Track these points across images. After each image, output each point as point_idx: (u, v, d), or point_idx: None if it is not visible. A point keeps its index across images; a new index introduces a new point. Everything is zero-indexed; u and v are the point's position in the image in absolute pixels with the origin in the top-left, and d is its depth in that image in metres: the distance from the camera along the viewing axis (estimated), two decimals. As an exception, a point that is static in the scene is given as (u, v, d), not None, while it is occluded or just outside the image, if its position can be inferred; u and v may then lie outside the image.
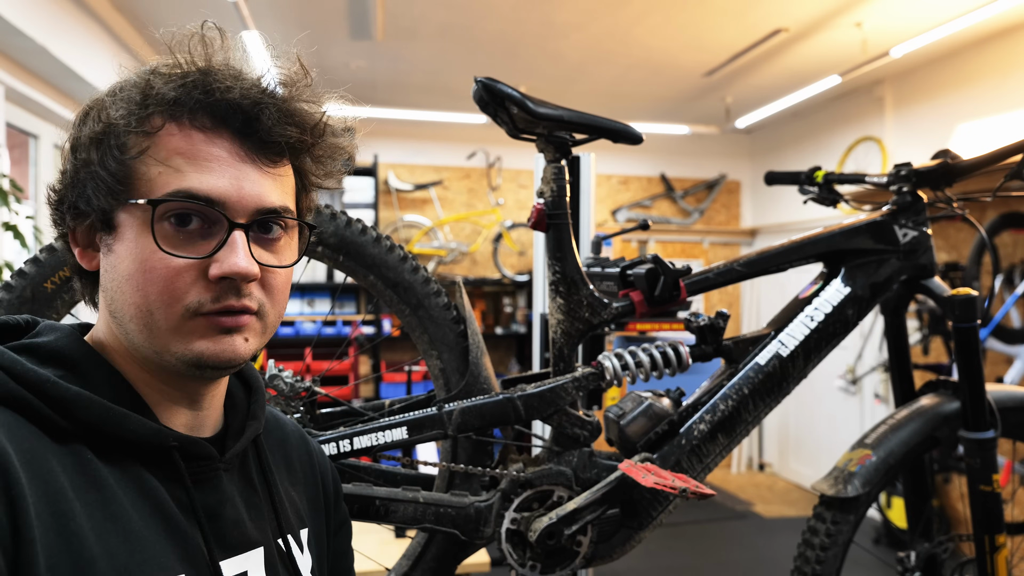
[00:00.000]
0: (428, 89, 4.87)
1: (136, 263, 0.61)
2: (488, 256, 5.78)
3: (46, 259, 1.03)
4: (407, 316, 1.21)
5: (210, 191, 0.61)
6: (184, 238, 0.62)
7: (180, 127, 0.62)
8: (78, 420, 0.59)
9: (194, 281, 0.62)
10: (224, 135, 0.63)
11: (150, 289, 0.61)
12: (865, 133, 4.77)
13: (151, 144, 0.62)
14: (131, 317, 0.62)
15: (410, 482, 1.28)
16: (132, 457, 0.62)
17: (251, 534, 0.70)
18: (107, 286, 0.65)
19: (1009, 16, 3.51)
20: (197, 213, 0.62)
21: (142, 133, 0.62)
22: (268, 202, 0.64)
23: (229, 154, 0.63)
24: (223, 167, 0.62)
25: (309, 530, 0.81)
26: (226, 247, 0.62)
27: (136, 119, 0.62)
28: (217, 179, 0.62)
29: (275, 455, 0.81)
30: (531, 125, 1.18)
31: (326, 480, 0.87)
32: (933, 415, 1.35)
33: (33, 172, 3.29)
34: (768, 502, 5.08)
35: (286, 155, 0.67)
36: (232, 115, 0.63)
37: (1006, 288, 3.69)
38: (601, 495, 1.19)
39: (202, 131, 0.63)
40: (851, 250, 1.37)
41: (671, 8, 3.48)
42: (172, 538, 0.62)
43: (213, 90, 0.62)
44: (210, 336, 0.63)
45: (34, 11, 2.74)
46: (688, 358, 1.26)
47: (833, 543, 1.28)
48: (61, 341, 0.64)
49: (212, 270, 0.61)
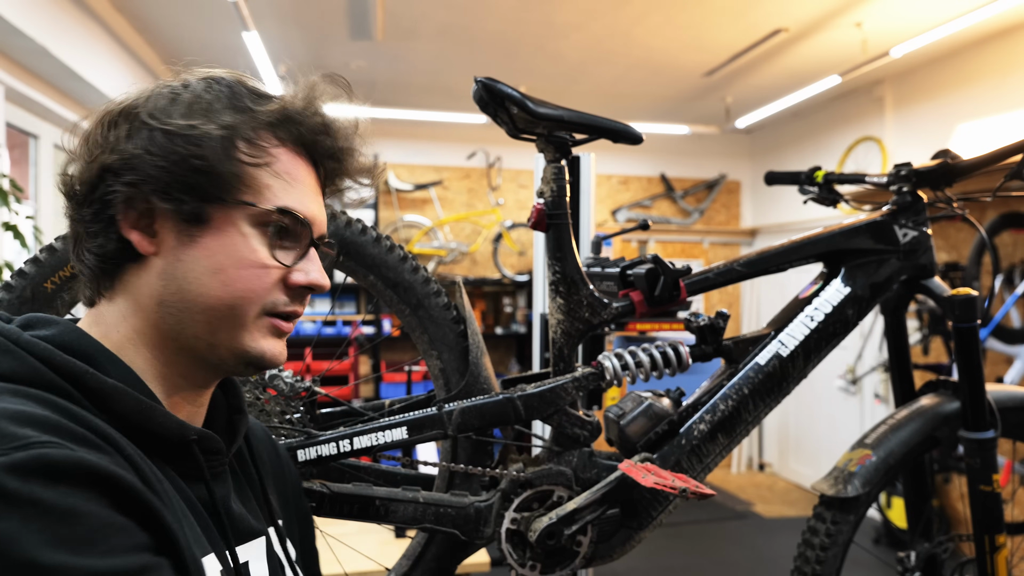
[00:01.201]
0: (428, 89, 4.87)
1: (231, 259, 0.65)
2: (488, 256, 5.78)
3: (46, 259, 1.02)
4: (407, 316, 1.21)
5: (306, 212, 0.70)
6: (277, 247, 0.68)
7: (287, 151, 0.70)
8: (114, 413, 0.60)
9: (276, 284, 0.68)
10: (309, 163, 0.73)
11: (240, 285, 0.65)
12: (865, 133, 4.77)
13: (267, 155, 0.68)
14: (204, 308, 0.65)
15: (410, 482, 1.28)
16: (156, 451, 0.63)
17: (253, 524, 0.73)
18: (177, 275, 0.64)
19: (1009, 16, 3.51)
20: (290, 229, 0.69)
21: (259, 146, 0.68)
22: (326, 228, 0.75)
23: (315, 183, 0.73)
24: (311, 193, 0.72)
25: (284, 520, 0.84)
26: (307, 260, 0.70)
27: (257, 134, 0.68)
28: (310, 203, 0.71)
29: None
30: (531, 125, 1.18)
31: (290, 475, 0.91)
32: (933, 415, 1.35)
33: (33, 172, 3.29)
34: (768, 502, 5.08)
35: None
36: (320, 153, 0.73)
37: (1006, 288, 3.69)
38: (601, 495, 1.19)
39: (295, 156, 0.71)
40: (851, 250, 1.37)
41: (671, 8, 3.48)
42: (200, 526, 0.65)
43: (314, 128, 0.72)
44: (273, 336, 0.69)
45: (34, 11, 2.74)
46: (688, 358, 1.26)
47: (833, 543, 1.28)
48: (70, 335, 0.63)
49: (297, 278, 0.69)
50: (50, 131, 3.44)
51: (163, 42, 4.06)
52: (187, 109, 0.65)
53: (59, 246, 1.03)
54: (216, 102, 0.66)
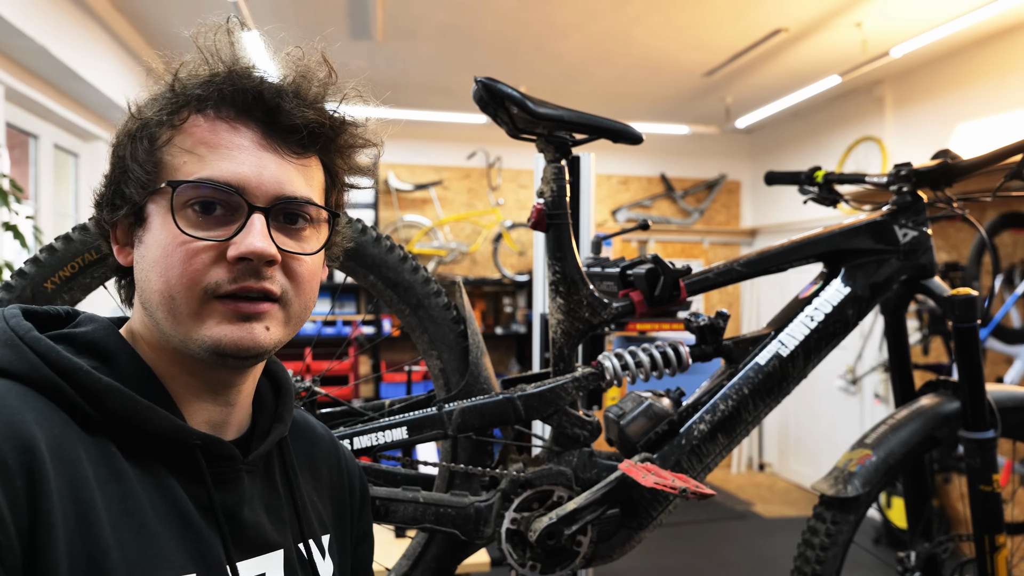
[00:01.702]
0: (428, 89, 4.87)
1: (160, 248, 0.63)
2: (488, 256, 5.78)
3: (46, 259, 1.03)
4: (407, 316, 1.21)
5: (230, 176, 0.63)
6: (206, 223, 0.63)
7: (206, 118, 0.65)
8: (107, 411, 0.60)
9: (212, 262, 0.63)
10: (249, 125, 0.66)
11: (171, 273, 0.62)
12: (865, 133, 4.77)
13: (177, 134, 0.64)
14: (157, 304, 0.64)
15: (410, 482, 1.28)
16: (154, 453, 0.63)
17: (270, 536, 0.70)
18: (138, 277, 0.66)
19: (1009, 16, 3.51)
20: (219, 200, 0.64)
21: (170, 125, 0.65)
22: (289, 190, 0.66)
23: (252, 143, 0.65)
24: (245, 155, 0.64)
25: (332, 536, 0.80)
26: (244, 230, 0.63)
27: (166, 112, 0.65)
28: (237, 165, 0.64)
29: (300, 459, 0.81)
30: (531, 125, 1.18)
31: (353, 490, 0.87)
32: (933, 415, 1.35)
33: (33, 172, 3.29)
34: (768, 502, 5.08)
35: (311, 147, 0.69)
36: (255, 105, 0.66)
37: (1006, 288, 3.69)
38: (601, 495, 1.19)
39: (227, 121, 0.65)
40: (851, 250, 1.37)
41: (671, 8, 3.48)
42: (187, 537, 0.62)
43: (237, 82, 0.65)
44: (229, 322, 0.63)
45: (34, 11, 2.74)
46: (688, 358, 1.26)
47: (833, 543, 1.28)
48: (98, 332, 0.66)
49: (230, 251, 0.63)
50: (50, 131, 3.43)
51: (163, 42, 4.06)
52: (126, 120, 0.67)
53: (59, 246, 1.03)
54: (148, 102, 0.67)
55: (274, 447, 0.75)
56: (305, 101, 0.67)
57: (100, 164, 3.86)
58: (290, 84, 0.68)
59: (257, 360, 0.67)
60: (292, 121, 0.66)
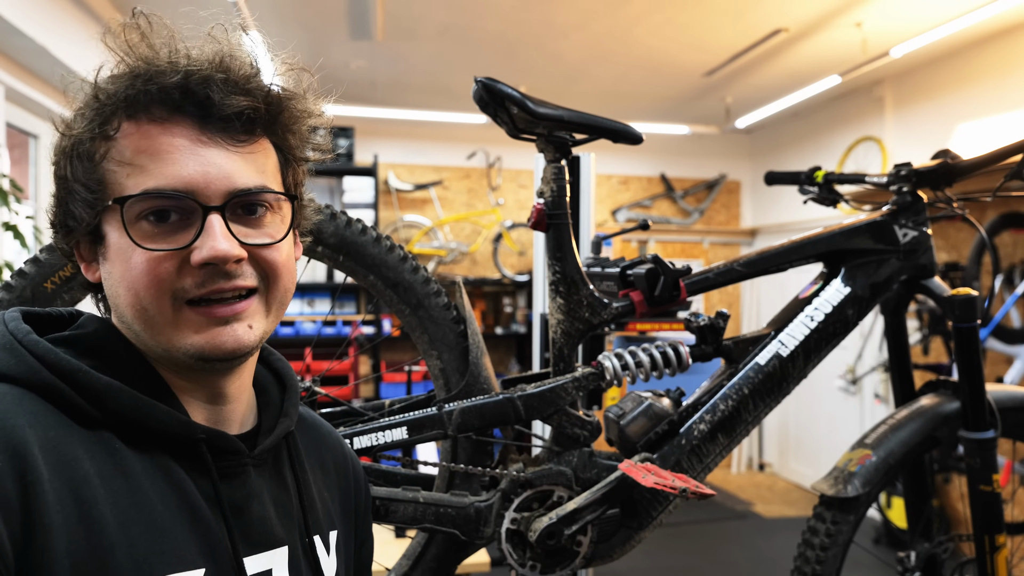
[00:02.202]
0: (428, 89, 4.86)
1: (123, 264, 0.62)
2: (488, 256, 5.78)
3: (46, 259, 1.03)
4: (407, 316, 1.21)
5: (175, 182, 0.61)
6: (164, 232, 0.62)
7: (137, 124, 0.62)
8: (108, 409, 0.61)
9: (176, 270, 0.62)
10: (182, 123, 0.62)
11: (138, 285, 0.62)
12: (865, 133, 4.77)
13: (113, 146, 0.62)
14: (133, 318, 0.63)
15: (410, 482, 1.28)
16: (161, 448, 0.63)
17: (277, 532, 0.70)
18: (108, 293, 0.66)
19: (1009, 16, 3.51)
20: (171, 208, 0.61)
21: (103, 137, 0.62)
22: (241, 182, 0.64)
23: (190, 141, 0.62)
24: (185, 155, 0.62)
25: (339, 533, 0.81)
26: (204, 233, 0.61)
27: (96, 124, 0.62)
28: (180, 168, 0.61)
29: (309, 455, 0.81)
30: (531, 125, 1.18)
31: (359, 491, 0.88)
32: (933, 415, 1.35)
33: (33, 172, 3.29)
34: (768, 502, 5.08)
35: (253, 131, 0.66)
36: (184, 100, 0.62)
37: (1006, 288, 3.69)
38: (601, 495, 1.19)
39: (159, 123, 0.62)
40: (851, 250, 1.37)
41: (671, 8, 3.48)
42: (196, 531, 0.62)
43: (160, 79, 0.61)
44: (206, 329, 0.63)
45: (34, 11, 2.74)
46: (688, 358, 1.26)
47: (833, 543, 1.28)
48: (100, 333, 0.66)
49: (193, 257, 0.61)
50: (50, 131, 3.43)
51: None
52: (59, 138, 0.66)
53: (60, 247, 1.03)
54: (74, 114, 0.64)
55: (282, 442, 0.75)
56: (236, 86, 0.64)
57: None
58: (216, 69, 0.63)
59: (245, 359, 0.67)
60: (226, 111, 0.63)
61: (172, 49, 0.63)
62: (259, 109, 0.65)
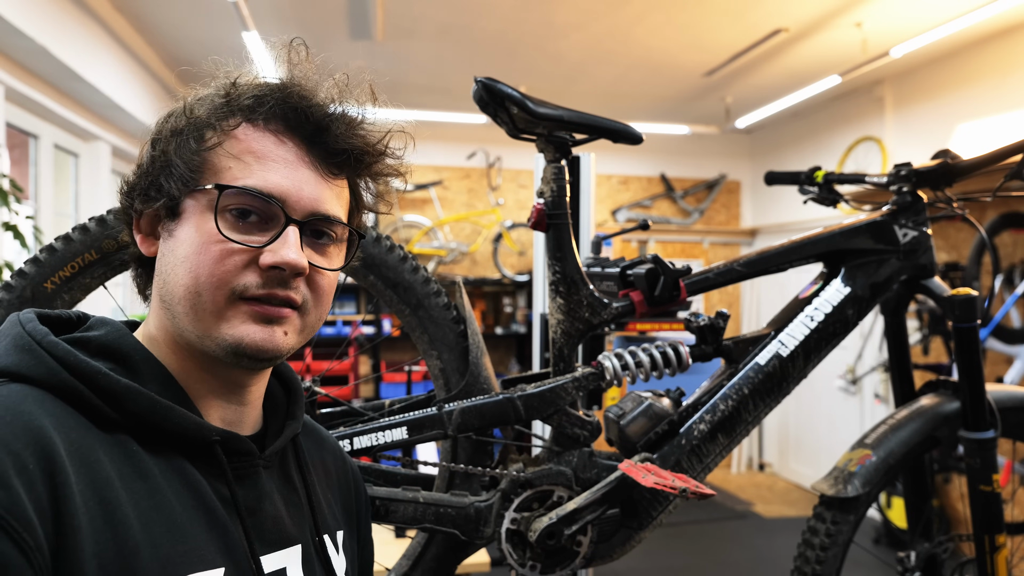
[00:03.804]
0: (428, 89, 4.87)
1: (193, 245, 0.65)
2: (488, 256, 5.78)
3: (46, 259, 1.03)
4: (407, 316, 1.21)
5: (272, 188, 0.66)
6: (243, 228, 0.66)
7: (255, 128, 0.68)
8: (127, 412, 0.62)
9: (244, 266, 0.65)
10: (293, 140, 0.69)
11: (201, 270, 0.64)
12: (865, 133, 4.77)
13: (227, 139, 0.67)
14: (180, 298, 0.65)
15: (410, 482, 1.28)
16: (177, 450, 0.64)
17: (290, 531, 0.72)
18: (162, 270, 0.68)
19: (1009, 16, 3.51)
20: (257, 209, 0.66)
21: (219, 129, 0.67)
22: (324, 208, 0.69)
23: (296, 158, 0.68)
24: (288, 168, 0.68)
25: (344, 533, 0.82)
26: (280, 239, 0.66)
27: (216, 116, 0.67)
28: (281, 178, 0.67)
29: (312, 457, 0.83)
30: (531, 125, 1.18)
31: (358, 494, 0.89)
32: (933, 415, 1.35)
33: (33, 172, 3.29)
34: (768, 502, 5.09)
35: (346, 170, 0.72)
36: (304, 123, 0.69)
37: (1006, 288, 3.69)
38: (601, 495, 1.19)
39: (274, 134, 0.68)
40: (851, 250, 1.37)
41: (671, 8, 3.48)
42: (214, 531, 0.63)
43: (289, 98, 0.68)
44: (253, 322, 0.66)
45: (34, 11, 2.74)
46: (688, 358, 1.26)
47: (833, 543, 1.28)
48: (111, 335, 0.67)
49: (264, 258, 0.65)
50: (50, 131, 3.43)
51: (163, 42, 4.06)
52: (169, 115, 0.69)
53: (59, 246, 1.03)
54: (198, 101, 0.69)
55: (288, 445, 0.77)
56: (348, 128, 0.71)
57: (100, 164, 3.87)
58: (336, 105, 0.71)
59: (273, 363, 0.69)
60: (339, 145, 0.70)
61: (305, 76, 0.71)
62: (366, 154, 0.73)
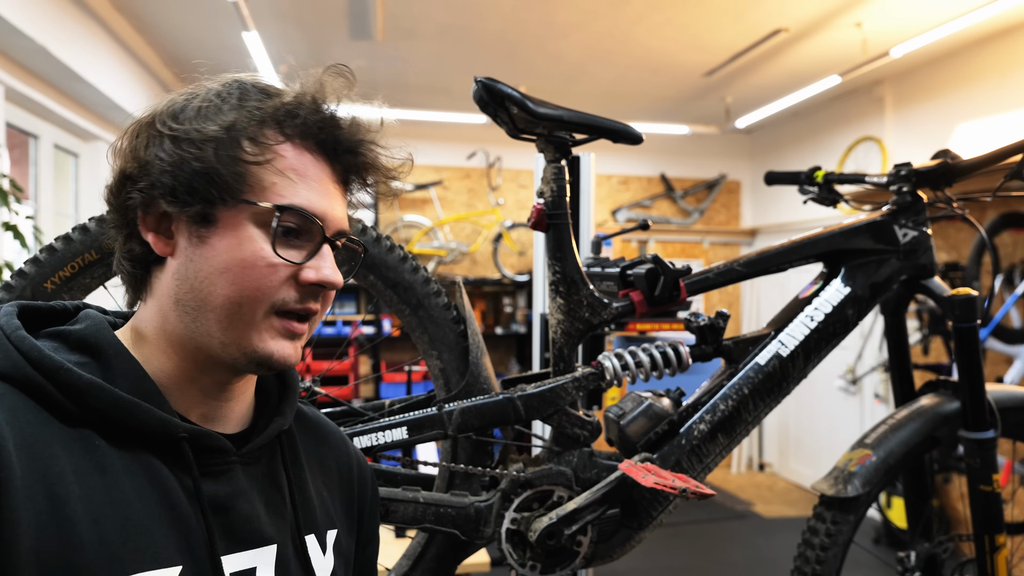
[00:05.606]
0: (428, 89, 4.87)
1: (237, 258, 0.66)
2: (488, 256, 5.78)
3: (46, 259, 1.03)
4: (407, 316, 1.21)
5: (316, 207, 0.69)
6: (286, 243, 0.68)
7: (294, 146, 0.69)
8: (89, 407, 0.62)
9: (285, 281, 0.67)
10: (324, 159, 0.72)
11: (247, 284, 0.66)
12: (865, 133, 4.77)
13: (271, 155, 0.68)
14: (215, 307, 0.66)
15: (410, 482, 1.28)
16: (144, 446, 0.64)
17: (265, 530, 0.71)
18: (188, 275, 0.67)
19: (1009, 16, 3.51)
20: (300, 227, 0.68)
21: (263, 144, 0.68)
22: (345, 226, 0.74)
23: (327, 177, 0.72)
24: (323, 187, 0.71)
25: (339, 532, 0.81)
26: (318, 258, 0.69)
27: (261, 131, 0.68)
28: (319, 197, 0.70)
29: (308, 454, 0.82)
30: (531, 125, 1.18)
31: (364, 491, 0.88)
32: (933, 415, 1.35)
33: (33, 172, 3.29)
34: (768, 502, 5.09)
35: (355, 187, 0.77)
36: (335, 145, 0.72)
37: (1006, 288, 3.69)
38: (601, 495, 1.19)
39: (310, 152, 0.71)
40: (851, 250, 1.37)
41: (671, 8, 3.48)
42: (175, 528, 0.63)
43: (323, 120, 0.71)
44: (280, 338, 0.68)
45: (34, 11, 2.74)
46: (688, 358, 1.26)
47: (833, 543, 1.28)
48: (89, 329, 0.67)
49: (307, 275, 0.68)
50: (50, 131, 3.43)
51: (163, 42, 4.06)
52: (196, 113, 0.67)
53: (59, 246, 1.03)
54: (224, 103, 0.68)
55: (276, 441, 0.76)
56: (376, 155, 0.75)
57: (100, 164, 3.86)
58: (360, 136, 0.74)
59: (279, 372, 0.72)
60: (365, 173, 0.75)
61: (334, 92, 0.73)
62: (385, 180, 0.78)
